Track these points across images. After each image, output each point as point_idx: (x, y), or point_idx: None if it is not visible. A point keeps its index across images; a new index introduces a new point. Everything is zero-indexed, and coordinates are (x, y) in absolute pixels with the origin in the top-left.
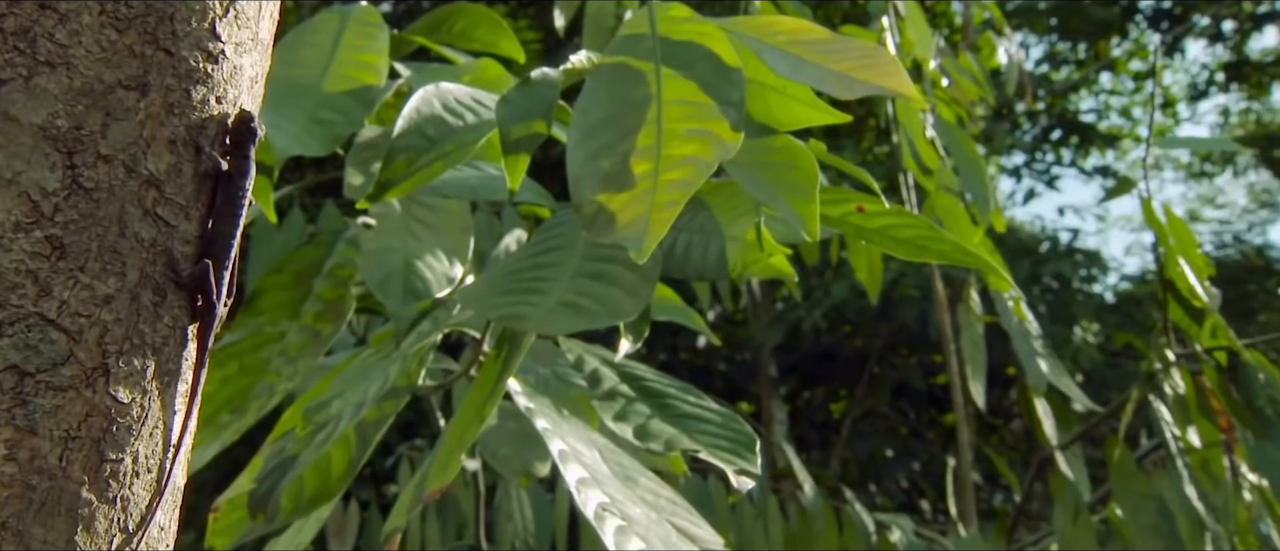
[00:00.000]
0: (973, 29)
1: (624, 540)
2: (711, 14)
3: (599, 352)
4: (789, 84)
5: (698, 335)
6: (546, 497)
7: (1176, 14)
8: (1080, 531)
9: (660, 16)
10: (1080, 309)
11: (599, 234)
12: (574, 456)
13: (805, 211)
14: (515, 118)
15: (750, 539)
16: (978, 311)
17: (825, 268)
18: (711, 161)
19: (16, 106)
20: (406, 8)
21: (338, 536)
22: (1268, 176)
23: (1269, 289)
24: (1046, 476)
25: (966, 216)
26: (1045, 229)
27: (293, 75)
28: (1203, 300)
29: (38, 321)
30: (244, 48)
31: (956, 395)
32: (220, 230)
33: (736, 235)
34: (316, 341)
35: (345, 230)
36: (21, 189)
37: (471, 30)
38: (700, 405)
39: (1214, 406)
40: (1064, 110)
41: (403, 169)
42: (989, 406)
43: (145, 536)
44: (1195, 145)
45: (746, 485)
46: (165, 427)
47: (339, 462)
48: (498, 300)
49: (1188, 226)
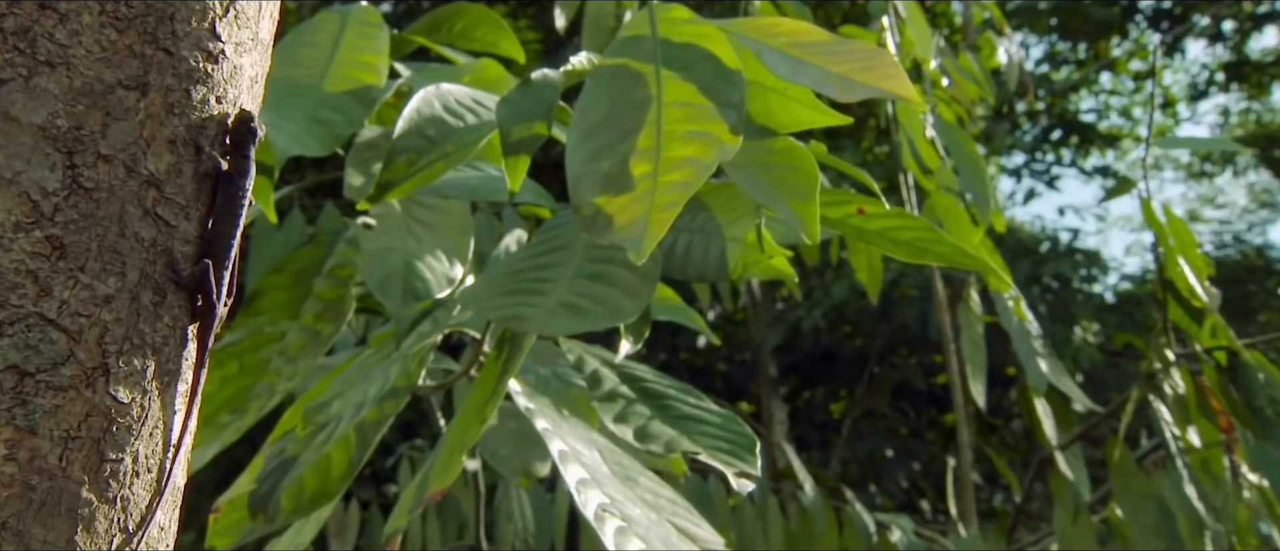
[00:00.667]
0: (973, 29)
1: (624, 540)
2: (712, 15)
3: (599, 353)
4: (789, 85)
5: (698, 335)
6: (546, 498)
7: (1176, 14)
8: (1080, 531)
9: (661, 18)
10: (1080, 309)
11: (598, 235)
12: (574, 457)
13: (805, 213)
14: (515, 118)
15: (750, 539)
16: (978, 311)
17: (825, 268)
18: (711, 163)
19: (16, 106)
20: (406, 8)
21: (338, 536)
22: (1268, 176)
23: (1269, 289)
24: (1046, 476)
25: (966, 216)
26: (1045, 229)
27: (293, 75)
28: (1203, 300)
29: (38, 321)
30: (244, 48)
31: (956, 395)
32: (220, 230)
33: (737, 236)
34: (316, 341)
35: (345, 230)
36: (21, 189)
37: (471, 30)
38: (700, 406)
39: (1214, 406)
40: (1064, 110)
41: (403, 169)
42: (989, 406)
43: (145, 536)
44: (1195, 145)
45: (747, 486)
46: (165, 427)
47: (339, 463)
48: (498, 301)
49: (1188, 226)
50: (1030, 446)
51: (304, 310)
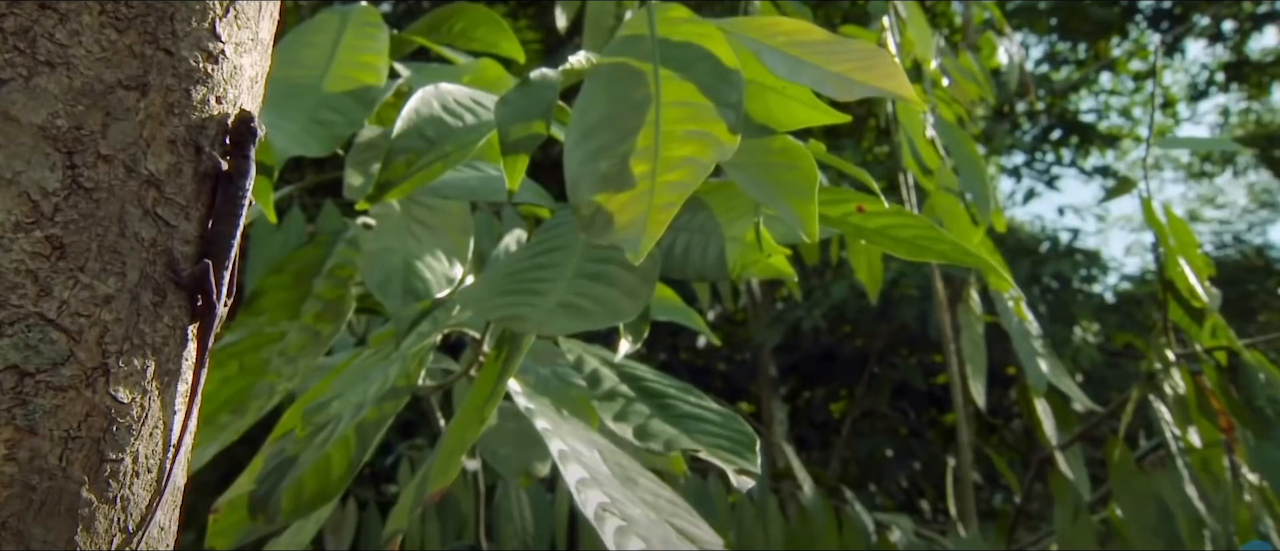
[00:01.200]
0: (973, 29)
1: (624, 540)
2: (711, 15)
3: (599, 353)
4: (788, 85)
5: (698, 335)
6: (546, 497)
7: (1176, 14)
8: (1080, 531)
9: (659, 17)
10: (1080, 309)
11: (596, 235)
12: (574, 456)
13: (804, 212)
14: (514, 118)
15: (750, 539)
16: (978, 311)
17: (825, 268)
18: (709, 163)
19: (16, 106)
20: (406, 8)
21: (337, 535)
22: (1268, 176)
23: (1269, 289)
24: (1046, 476)
25: (966, 216)
26: (1045, 229)
27: (293, 75)
28: (1203, 300)
29: (38, 321)
30: (244, 48)
31: (956, 395)
32: (220, 230)
33: (736, 236)
34: (316, 341)
35: (345, 230)
36: (21, 189)
37: (471, 30)
38: (700, 405)
39: (1214, 406)
40: (1064, 110)
41: (402, 169)
42: (989, 406)
43: (145, 536)
44: (1195, 145)
45: (746, 485)
46: (165, 427)
47: (339, 463)
48: (497, 301)
49: (1188, 226)
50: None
51: (304, 310)
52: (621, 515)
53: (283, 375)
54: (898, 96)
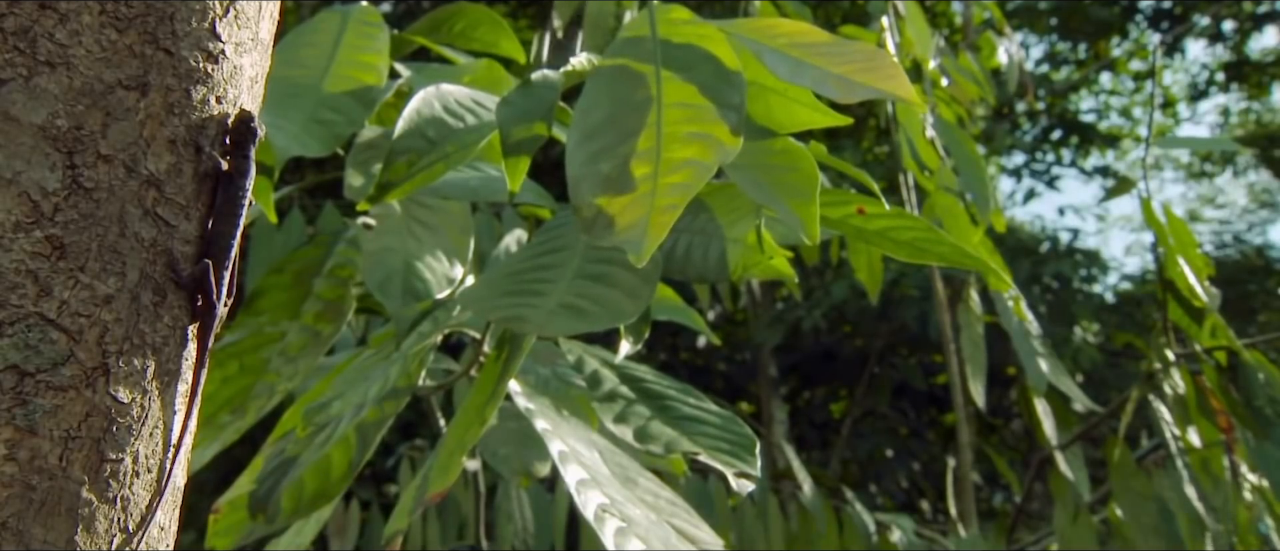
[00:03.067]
0: (973, 29)
1: (624, 541)
2: (712, 16)
3: (599, 354)
4: (789, 86)
5: (698, 335)
6: (546, 498)
7: (1176, 14)
8: (1080, 531)
9: (661, 19)
10: (1080, 309)
11: (598, 236)
12: (574, 457)
13: (805, 213)
14: (516, 119)
15: (750, 539)
16: (978, 311)
17: (825, 268)
18: (711, 164)
19: (16, 106)
20: (406, 8)
21: (338, 536)
22: (1268, 176)
23: (1269, 289)
24: (1046, 476)
25: (966, 216)
26: (1045, 229)
27: (293, 75)
28: (1203, 300)
29: (38, 321)
30: (244, 48)
31: (956, 395)
32: (220, 230)
33: (737, 237)
34: (316, 341)
35: (345, 230)
36: (21, 189)
37: (471, 30)
38: (700, 407)
39: (1214, 406)
40: (1064, 110)
41: (403, 170)
42: (989, 406)
43: (145, 536)
44: (1195, 145)
45: (746, 487)
46: (165, 427)
47: (339, 463)
48: (498, 301)
49: (1187, 226)
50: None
51: (304, 310)
52: (621, 515)
53: (283, 375)
54: (898, 97)
